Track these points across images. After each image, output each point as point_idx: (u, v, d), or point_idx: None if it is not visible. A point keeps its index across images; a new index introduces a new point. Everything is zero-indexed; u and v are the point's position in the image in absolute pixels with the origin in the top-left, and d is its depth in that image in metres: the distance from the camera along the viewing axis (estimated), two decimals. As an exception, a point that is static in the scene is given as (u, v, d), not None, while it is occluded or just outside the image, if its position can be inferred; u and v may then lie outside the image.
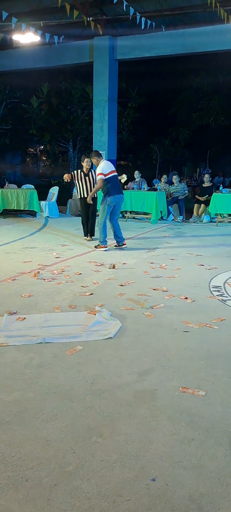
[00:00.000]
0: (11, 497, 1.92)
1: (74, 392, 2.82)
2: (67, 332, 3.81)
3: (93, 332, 3.80)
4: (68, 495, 1.94)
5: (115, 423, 2.49)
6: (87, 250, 7.65)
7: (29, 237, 9.21)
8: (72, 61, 14.93)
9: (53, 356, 3.33)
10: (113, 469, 2.11)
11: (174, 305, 4.61)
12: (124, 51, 14.01)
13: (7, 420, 2.51)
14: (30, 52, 14.73)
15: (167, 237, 9.35)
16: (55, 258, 6.99)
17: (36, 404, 2.67)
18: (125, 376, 3.04)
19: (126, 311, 4.40)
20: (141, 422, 2.50)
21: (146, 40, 13.16)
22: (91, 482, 2.02)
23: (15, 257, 6.96)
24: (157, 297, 4.89)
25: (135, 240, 9.03)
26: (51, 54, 14.58)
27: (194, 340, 3.69)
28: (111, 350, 3.47)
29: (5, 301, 4.68)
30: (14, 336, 3.69)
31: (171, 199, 12.59)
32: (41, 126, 18.60)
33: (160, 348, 3.52)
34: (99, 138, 14.46)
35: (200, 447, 2.28)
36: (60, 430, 2.42)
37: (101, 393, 2.82)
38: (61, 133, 19.20)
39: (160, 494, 1.95)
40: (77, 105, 17.90)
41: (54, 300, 4.74)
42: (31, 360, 3.27)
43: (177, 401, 2.72)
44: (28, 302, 4.66)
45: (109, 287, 5.29)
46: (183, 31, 12.80)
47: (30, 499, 1.91)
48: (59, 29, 12.34)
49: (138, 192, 12.48)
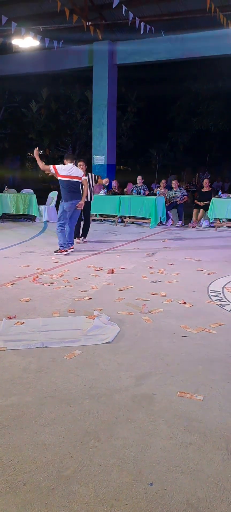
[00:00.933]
0: (9, 501, 1.92)
1: (72, 397, 2.82)
2: (66, 336, 3.81)
3: (92, 337, 3.80)
4: (66, 499, 1.94)
5: (113, 427, 2.50)
6: (86, 255, 7.66)
7: (28, 241, 9.22)
8: (72, 66, 15.01)
9: (52, 361, 3.34)
10: (111, 473, 2.11)
11: (173, 310, 4.62)
12: (123, 56, 14.08)
13: (5, 424, 2.51)
14: (30, 57, 14.79)
15: (166, 242, 9.37)
16: (54, 262, 6.99)
17: (34, 409, 2.67)
18: (123, 381, 3.04)
19: (125, 315, 4.41)
20: (139, 427, 2.50)
21: (145, 45, 13.24)
22: (89, 486, 2.02)
23: (14, 262, 6.97)
24: (156, 301, 4.90)
25: (134, 245, 9.04)
26: (51, 58, 14.65)
27: (192, 345, 3.69)
28: (109, 354, 3.47)
29: (4, 305, 4.68)
30: (12, 341, 3.69)
31: (170, 204, 12.62)
32: (40, 130, 18.65)
33: (158, 352, 3.52)
34: (98, 142, 14.50)
35: (197, 452, 2.28)
36: (58, 434, 2.42)
37: (99, 397, 2.82)
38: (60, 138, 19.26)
39: (158, 498, 1.95)
40: (77, 109, 17.96)
41: (53, 304, 4.75)
42: (30, 364, 3.27)
43: (175, 405, 2.72)
44: (27, 306, 4.66)
45: (108, 292, 5.29)
46: (182, 36, 12.87)
47: (28, 503, 1.92)
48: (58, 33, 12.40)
49: (137, 197, 12.51)
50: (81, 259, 7.31)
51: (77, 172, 7.95)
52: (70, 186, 7.77)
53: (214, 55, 13.12)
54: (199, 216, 12.38)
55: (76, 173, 7.92)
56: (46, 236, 10.03)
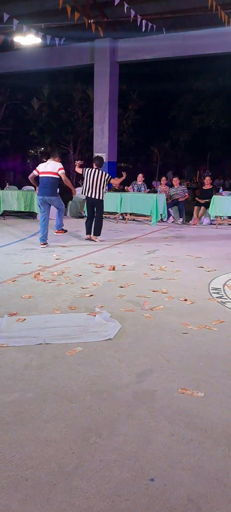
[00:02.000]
0: (11, 496, 1.94)
1: (74, 393, 2.83)
2: (67, 333, 3.82)
3: (93, 333, 3.82)
4: (68, 495, 1.95)
5: (114, 423, 2.51)
6: (87, 252, 7.67)
7: (29, 238, 9.23)
8: (73, 63, 14.99)
9: (53, 357, 3.35)
10: (112, 469, 2.12)
11: (174, 307, 4.63)
12: (124, 53, 14.06)
13: (7, 420, 2.52)
14: (31, 54, 14.78)
15: (166, 239, 9.37)
16: (55, 259, 7.00)
17: (36, 405, 2.69)
18: (124, 377, 3.05)
19: (126, 312, 4.42)
20: (140, 423, 2.51)
21: (147, 42, 13.21)
22: (90, 482, 2.04)
23: (16, 258, 6.98)
24: (157, 299, 4.91)
25: (135, 242, 9.05)
26: (52, 56, 14.63)
27: (193, 342, 3.70)
28: (110, 351, 3.48)
29: (5, 302, 4.69)
30: (14, 337, 3.71)
31: (171, 201, 12.62)
32: (41, 128, 18.64)
33: (159, 349, 3.53)
34: (100, 140, 14.49)
35: (198, 448, 2.30)
36: (60, 430, 2.43)
37: (100, 394, 2.83)
38: (61, 135, 19.23)
39: (159, 494, 1.96)
40: (78, 107, 17.94)
41: (54, 301, 4.76)
42: (31, 361, 3.28)
43: (176, 402, 2.73)
44: (28, 303, 4.67)
45: (109, 289, 5.30)
46: (184, 33, 12.84)
47: (30, 498, 1.93)
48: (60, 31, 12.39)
49: (138, 194, 12.51)
50: (82, 256, 7.32)
51: (52, 167, 8.04)
52: (41, 181, 8.11)
53: (216, 53, 13.10)
54: (200, 214, 12.38)
55: (51, 168, 8.04)
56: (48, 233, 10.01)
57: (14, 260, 6.88)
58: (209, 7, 9.50)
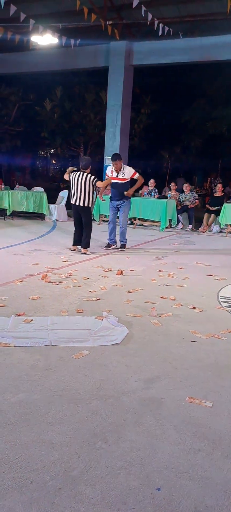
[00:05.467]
0: (15, 498, 1.91)
1: (80, 396, 2.81)
2: (74, 336, 3.79)
3: (100, 337, 3.79)
4: (73, 500, 1.92)
5: (120, 429, 2.48)
6: (96, 256, 7.65)
7: (38, 239, 9.24)
8: (87, 65, 14.96)
9: (60, 359, 3.32)
10: (118, 476, 2.09)
11: (182, 314, 4.59)
12: (139, 56, 13.98)
13: (12, 420, 2.50)
14: (46, 55, 14.78)
15: (175, 246, 9.33)
16: (63, 261, 6.99)
17: (41, 407, 2.66)
18: (131, 383, 3.02)
19: (133, 318, 4.39)
20: (147, 430, 2.48)
21: (163, 46, 13.13)
22: (96, 488, 2.00)
23: (23, 259, 6.98)
24: (165, 305, 4.87)
25: (143, 247, 9.02)
26: (67, 57, 14.60)
27: (202, 350, 3.66)
28: (118, 356, 3.45)
29: (13, 302, 4.68)
30: (21, 338, 3.69)
31: (181, 208, 12.58)
32: (53, 129, 18.68)
33: (167, 356, 3.49)
34: (111, 143, 14.45)
35: (206, 459, 2.25)
36: (66, 433, 2.41)
37: (107, 398, 2.80)
38: (72, 137, 19.27)
39: (165, 504, 1.92)
40: (90, 109, 17.95)
41: (61, 303, 4.74)
42: (38, 362, 3.26)
43: (184, 410, 2.70)
44: (35, 304, 4.66)
45: (117, 293, 5.28)
46: (201, 38, 12.74)
47: (34, 501, 1.90)
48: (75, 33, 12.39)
49: (148, 199, 12.48)
50: (90, 259, 7.30)
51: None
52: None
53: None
54: (210, 221, 12.33)
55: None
56: (56, 235, 10.04)
57: (22, 260, 6.88)
58: (228, 12, 9.43)
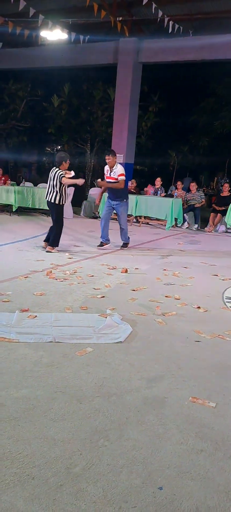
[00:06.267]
0: (17, 494, 1.91)
1: (83, 394, 2.80)
2: (78, 333, 3.79)
3: (104, 335, 3.79)
4: (74, 497, 1.92)
5: (123, 428, 2.47)
6: (100, 253, 7.64)
7: (43, 236, 9.20)
8: (96, 62, 14.87)
9: (63, 356, 3.32)
10: (120, 474, 2.08)
11: (186, 314, 4.57)
12: (149, 54, 13.88)
13: (15, 416, 2.50)
14: (54, 51, 14.74)
15: (181, 245, 9.30)
16: (67, 258, 6.99)
17: (44, 403, 2.66)
18: (134, 381, 3.01)
19: (137, 316, 4.38)
20: (149, 429, 2.47)
21: (172, 44, 13.01)
22: (97, 485, 2.00)
23: (28, 255, 6.98)
24: (169, 304, 4.86)
25: (148, 245, 9.00)
26: (75, 54, 14.54)
27: (206, 350, 3.65)
28: (121, 354, 3.44)
29: (17, 298, 4.69)
30: (25, 333, 3.70)
31: (187, 207, 12.54)
32: (60, 126, 18.65)
33: (170, 356, 3.48)
34: (118, 141, 14.40)
35: (208, 459, 2.25)
36: (68, 430, 2.41)
37: (109, 396, 2.80)
38: (79, 134, 19.23)
39: (167, 503, 1.92)
40: (98, 106, 17.90)
41: (65, 300, 4.74)
42: (41, 358, 3.27)
43: (187, 410, 2.69)
44: (39, 300, 4.66)
45: (121, 291, 5.27)
46: (210, 37, 12.60)
47: (36, 497, 1.90)
48: (85, 29, 12.34)
49: (154, 198, 12.45)
50: (95, 256, 7.30)
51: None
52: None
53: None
54: (216, 221, 12.28)
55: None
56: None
57: (27, 256, 6.89)
58: None
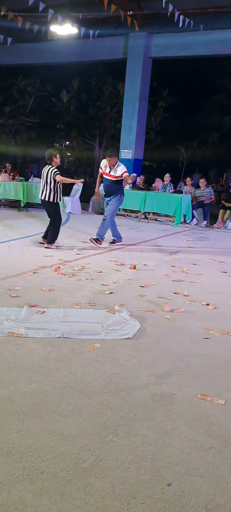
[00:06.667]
0: (25, 487, 1.92)
1: (91, 389, 2.81)
2: (86, 329, 3.80)
3: (112, 331, 3.78)
4: (83, 492, 1.92)
5: (131, 424, 2.47)
6: (108, 249, 7.64)
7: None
8: (105, 57, 14.82)
9: (71, 352, 3.33)
10: (128, 470, 2.08)
11: (195, 311, 4.55)
12: (159, 49, 13.79)
13: (24, 410, 2.51)
14: (64, 46, 14.71)
15: (189, 241, 9.27)
16: (76, 254, 7.00)
17: (53, 398, 2.67)
18: (142, 378, 3.01)
19: (146, 312, 4.37)
20: (158, 426, 2.46)
21: (183, 39, 12.92)
22: (106, 481, 2.00)
23: (37, 251, 7.00)
24: (178, 301, 4.84)
25: (157, 242, 8.98)
26: (85, 49, 14.49)
27: (215, 348, 3.63)
28: (129, 350, 3.44)
29: (26, 293, 4.70)
30: (33, 328, 3.71)
31: (196, 203, 12.48)
32: (69, 121, 18.64)
33: (179, 352, 3.47)
34: (127, 136, 14.36)
35: (217, 456, 2.24)
36: (76, 425, 2.41)
37: (118, 392, 2.79)
38: (88, 130, 19.20)
39: (175, 500, 1.91)
40: (107, 101, 17.85)
41: (74, 296, 4.74)
42: (50, 353, 3.27)
43: (195, 407, 2.68)
44: (48, 296, 4.67)
45: (130, 288, 5.26)
46: (221, 31, 12.47)
47: (45, 491, 1.91)
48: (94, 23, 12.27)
49: (162, 194, 12.41)
50: (103, 253, 7.30)
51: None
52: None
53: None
54: (225, 217, 12.22)
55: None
56: (69, 228, 10.05)
57: (35, 252, 6.91)
58: None
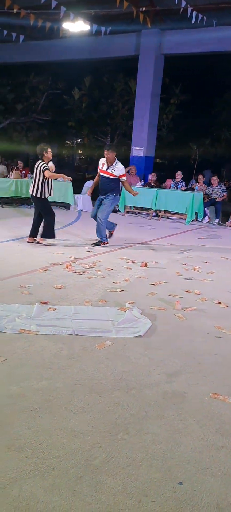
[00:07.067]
0: (37, 484, 1.93)
1: (102, 387, 2.81)
2: (97, 326, 3.80)
3: (123, 329, 3.78)
4: (94, 489, 1.93)
5: (142, 422, 2.47)
6: (119, 247, 7.63)
7: (62, 229, 9.28)
8: (117, 54, 14.75)
9: (82, 349, 3.34)
10: (139, 468, 2.08)
11: (207, 309, 4.53)
12: (171, 45, 13.67)
13: (35, 407, 2.53)
14: (76, 43, 14.68)
15: (201, 239, 9.22)
16: (87, 252, 7.01)
17: (64, 395, 2.68)
18: (153, 376, 3.00)
19: (157, 310, 4.36)
20: (169, 424, 2.46)
21: (195, 35, 12.77)
22: (117, 478, 2.00)
23: (48, 248, 7.02)
24: (189, 299, 4.82)
25: (168, 240, 8.95)
26: (97, 46, 14.44)
27: (227, 346, 3.61)
28: (140, 348, 3.44)
29: (37, 290, 4.72)
30: (45, 325, 3.72)
31: (208, 201, 12.40)
32: (80, 118, 18.65)
33: (190, 351, 3.46)
34: (138, 133, 14.30)
35: (229, 455, 2.22)
36: (87, 423, 2.42)
37: (129, 390, 2.79)
38: (99, 127, 19.19)
39: (187, 498, 1.91)
40: (119, 99, 17.82)
41: (85, 293, 4.75)
42: (61, 350, 3.28)
43: (207, 406, 2.66)
44: (59, 293, 4.69)
45: (141, 285, 5.25)
46: None
47: (56, 488, 1.92)
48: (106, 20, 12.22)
49: (174, 192, 12.35)
50: (114, 250, 7.29)
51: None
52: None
53: None
54: (237, 215, 12.13)
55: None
56: (80, 225, 10.07)
57: (47, 249, 6.93)
58: None
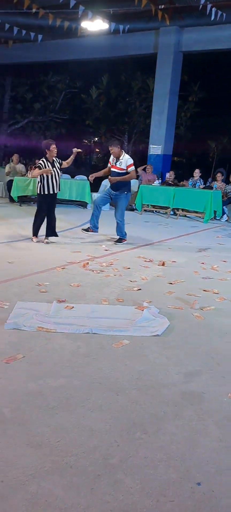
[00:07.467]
0: (55, 481, 1.94)
1: (120, 386, 2.81)
2: (114, 325, 3.80)
3: (141, 328, 3.77)
4: (112, 488, 1.93)
5: (160, 421, 2.46)
6: (136, 246, 7.62)
7: (79, 227, 9.30)
8: (135, 52, 14.67)
9: (100, 348, 3.34)
10: (157, 468, 2.08)
11: (225, 309, 4.49)
12: (189, 43, 13.54)
13: (53, 405, 2.54)
14: (94, 42, 14.66)
15: (219, 238, 9.13)
16: (104, 250, 7.01)
17: (82, 393, 2.69)
18: (171, 375, 2.99)
19: (175, 310, 4.34)
20: (187, 424, 2.45)
21: (214, 32, 12.63)
22: (134, 477, 2.00)
23: (65, 247, 7.05)
24: (207, 298, 4.78)
25: (186, 238, 8.89)
26: (115, 44, 14.38)
27: (245, 347, 3.57)
28: (158, 347, 3.43)
29: (55, 288, 4.75)
30: (62, 324, 3.74)
31: (227, 199, 12.26)
32: (98, 117, 18.67)
33: (208, 350, 3.43)
34: (156, 131, 14.22)
35: (248, 458, 2.20)
36: (105, 421, 2.42)
37: (147, 389, 2.79)
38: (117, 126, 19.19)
39: (205, 499, 1.89)
40: (136, 97, 17.77)
41: (102, 292, 4.76)
42: (78, 348, 3.30)
43: (226, 407, 2.64)
44: (76, 291, 4.70)
45: (158, 284, 5.23)
46: None
47: (74, 486, 1.92)
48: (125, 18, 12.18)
49: (192, 190, 12.25)
50: (131, 249, 7.28)
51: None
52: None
53: None
54: None
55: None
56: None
57: (64, 248, 6.96)
58: None
